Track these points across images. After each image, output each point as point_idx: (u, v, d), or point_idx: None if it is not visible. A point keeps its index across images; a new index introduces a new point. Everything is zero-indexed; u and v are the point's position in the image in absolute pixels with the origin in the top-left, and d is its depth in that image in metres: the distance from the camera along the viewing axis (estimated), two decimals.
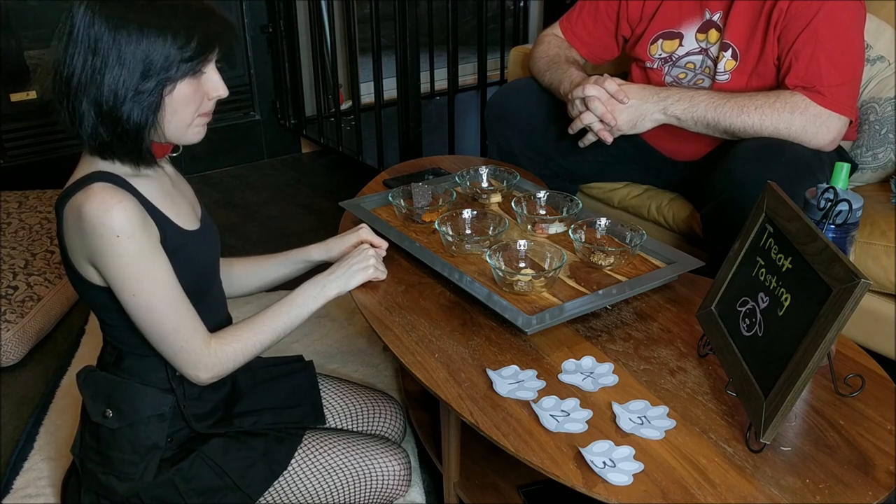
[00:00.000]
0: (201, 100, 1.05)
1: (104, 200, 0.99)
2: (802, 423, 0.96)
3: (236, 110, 3.10)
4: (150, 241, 1.03)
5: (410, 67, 2.37)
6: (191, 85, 1.03)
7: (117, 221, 0.99)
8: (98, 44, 0.97)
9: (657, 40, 1.69)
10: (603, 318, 1.19)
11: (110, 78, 0.98)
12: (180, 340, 1.08)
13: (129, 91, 0.98)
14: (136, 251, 1.01)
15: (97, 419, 1.15)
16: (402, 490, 1.31)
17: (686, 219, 1.75)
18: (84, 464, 1.18)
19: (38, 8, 2.61)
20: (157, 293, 1.04)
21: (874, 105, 1.72)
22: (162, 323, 1.06)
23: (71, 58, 0.98)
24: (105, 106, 0.99)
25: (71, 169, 1.09)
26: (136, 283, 1.03)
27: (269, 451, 1.21)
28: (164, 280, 1.05)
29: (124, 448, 1.14)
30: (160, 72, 0.99)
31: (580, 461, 0.90)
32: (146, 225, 1.03)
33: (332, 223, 1.85)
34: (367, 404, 1.43)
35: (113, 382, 1.15)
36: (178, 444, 1.18)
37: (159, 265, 1.04)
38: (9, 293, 1.98)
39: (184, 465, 1.15)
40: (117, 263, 1.01)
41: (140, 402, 1.14)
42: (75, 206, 1.00)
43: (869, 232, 1.53)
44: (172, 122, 1.04)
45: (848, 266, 0.82)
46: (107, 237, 0.99)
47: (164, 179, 1.14)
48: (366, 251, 1.28)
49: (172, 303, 1.06)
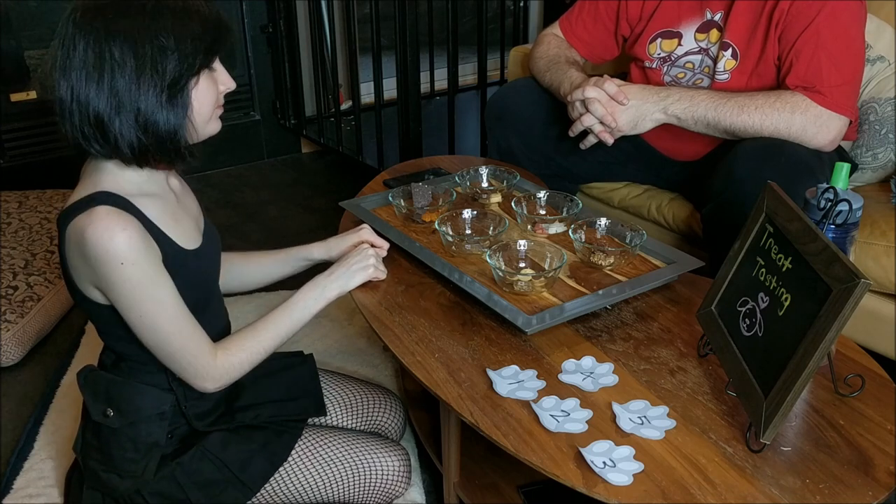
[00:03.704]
0: (216, 93, 1.08)
1: (108, 227, 0.99)
2: (802, 423, 0.96)
3: (236, 110, 3.09)
4: (153, 263, 1.04)
5: (410, 67, 2.37)
6: (209, 78, 1.06)
7: (121, 249, 0.99)
8: (123, 58, 0.97)
9: (656, 40, 1.69)
10: (603, 318, 1.19)
11: (143, 87, 0.98)
12: (187, 356, 1.09)
13: (163, 93, 1.00)
14: (140, 276, 1.01)
15: (98, 418, 1.15)
16: (402, 488, 1.31)
17: (686, 219, 1.75)
18: (86, 461, 1.19)
19: (38, 8, 2.60)
20: (163, 314, 1.05)
21: (874, 105, 1.72)
22: (169, 342, 1.07)
23: (91, 80, 0.98)
24: (142, 115, 1.00)
25: (71, 169, 1.09)
26: (142, 305, 1.03)
27: (268, 443, 1.22)
28: (169, 301, 1.05)
29: (125, 446, 1.14)
30: (187, 68, 1.00)
31: (580, 461, 0.90)
32: (149, 248, 1.03)
33: (331, 223, 1.85)
34: (367, 397, 1.44)
35: (113, 382, 1.16)
36: (179, 440, 1.18)
37: (163, 287, 1.05)
38: (9, 293, 1.98)
39: (184, 460, 1.16)
40: (122, 289, 1.01)
41: (140, 401, 1.15)
42: (78, 228, 1.00)
43: (869, 232, 1.53)
44: (199, 115, 1.06)
45: (848, 266, 0.82)
46: (111, 264, 0.99)
47: (170, 197, 1.14)
48: (366, 251, 1.28)
49: (178, 322, 1.07)
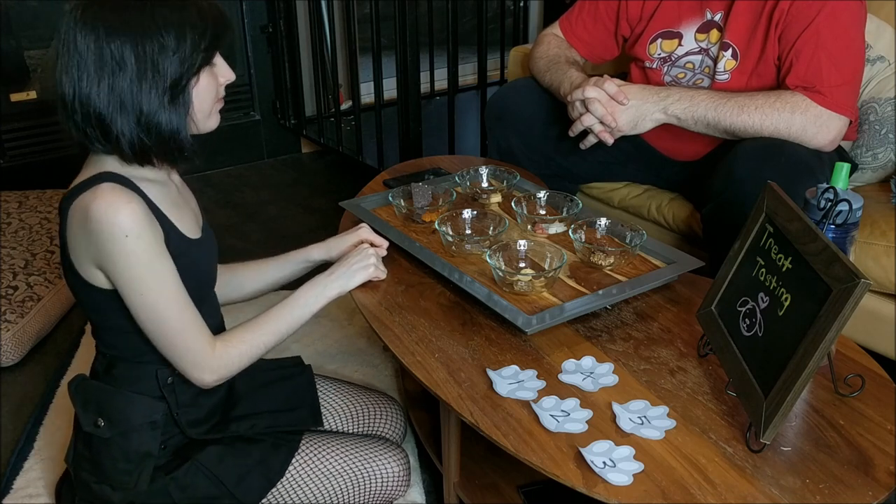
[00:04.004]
0: (216, 88, 1.08)
1: (113, 201, 0.99)
2: (802, 423, 0.96)
3: (236, 110, 3.10)
4: (156, 241, 1.03)
5: (410, 67, 2.37)
6: (209, 74, 1.05)
7: (126, 221, 0.99)
8: (123, 56, 0.97)
9: (656, 40, 1.69)
10: (603, 318, 1.19)
11: (145, 86, 0.98)
12: (186, 341, 1.08)
13: (164, 93, 1.00)
14: (143, 250, 1.01)
15: (89, 429, 1.13)
16: (402, 490, 1.30)
17: (686, 219, 1.75)
18: (77, 473, 1.17)
19: (38, 8, 2.60)
20: (164, 293, 1.04)
21: (874, 105, 1.72)
22: (168, 323, 1.06)
23: (92, 79, 0.98)
24: (143, 114, 1.00)
25: (71, 169, 1.08)
26: (144, 282, 1.03)
27: (265, 458, 1.20)
28: (171, 280, 1.05)
29: (117, 457, 1.13)
30: (188, 67, 1.00)
31: (580, 461, 0.90)
32: (153, 226, 1.03)
33: (332, 223, 1.85)
34: (367, 405, 1.43)
35: (104, 391, 1.14)
36: (173, 451, 1.16)
37: (166, 266, 1.04)
38: (9, 293, 1.98)
39: (178, 474, 1.14)
40: (125, 263, 1.01)
41: (131, 410, 1.13)
42: (82, 205, 1.00)
43: (869, 232, 1.53)
44: (200, 112, 1.06)
45: (848, 266, 0.82)
46: (115, 237, 0.99)
47: (171, 187, 1.14)
48: (366, 251, 1.28)
49: (178, 303, 1.06)
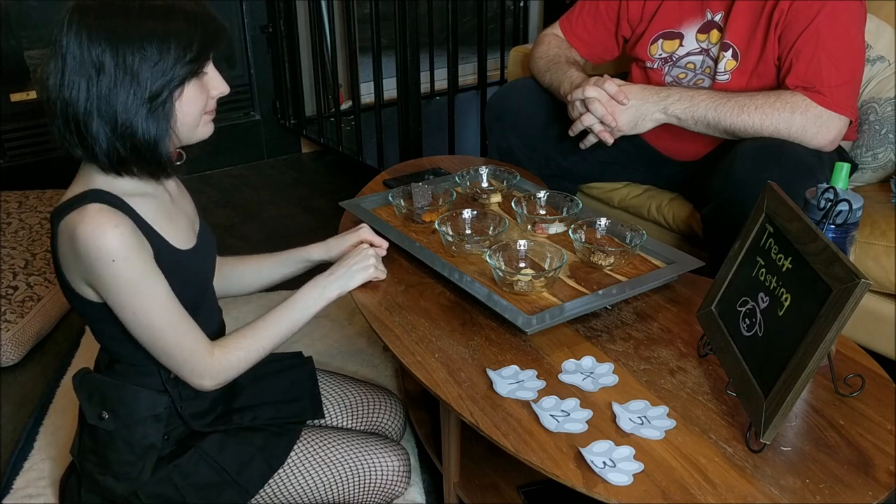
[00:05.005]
0: (206, 99, 1.06)
1: (99, 223, 0.98)
2: (802, 423, 0.96)
3: (236, 110, 3.10)
4: (145, 261, 1.02)
5: (410, 67, 2.37)
6: (196, 86, 1.03)
7: (113, 245, 0.98)
8: (102, 62, 0.96)
9: (657, 40, 1.69)
10: (603, 318, 1.19)
11: (122, 94, 0.97)
12: (184, 353, 1.08)
13: (143, 104, 0.98)
14: (131, 273, 1.00)
15: (93, 421, 1.14)
16: (402, 488, 1.31)
17: (686, 219, 1.75)
18: (83, 465, 1.18)
19: (38, 8, 2.60)
20: (156, 310, 1.04)
21: (874, 105, 1.72)
22: (163, 338, 1.06)
23: (72, 82, 0.96)
24: (119, 123, 0.98)
25: (71, 169, 1.08)
26: (134, 303, 1.02)
27: (267, 445, 1.21)
28: (163, 297, 1.05)
29: (121, 449, 1.14)
30: (170, 80, 0.98)
31: (580, 461, 0.90)
32: (141, 246, 1.02)
33: (332, 223, 1.85)
34: (366, 398, 1.43)
35: (108, 385, 1.15)
36: (176, 441, 1.18)
37: (156, 284, 1.04)
38: (9, 293, 1.98)
39: (181, 462, 1.15)
40: (114, 286, 1.01)
41: (135, 403, 1.14)
42: (69, 225, 0.99)
43: (869, 232, 1.53)
44: (184, 125, 1.04)
45: (848, 266, 0.82)
46: (102, 261, 0.98)
47: (164, 197, 1.13)
48: (366, 251, 1.28)
49: (172, 318, 1.06)
